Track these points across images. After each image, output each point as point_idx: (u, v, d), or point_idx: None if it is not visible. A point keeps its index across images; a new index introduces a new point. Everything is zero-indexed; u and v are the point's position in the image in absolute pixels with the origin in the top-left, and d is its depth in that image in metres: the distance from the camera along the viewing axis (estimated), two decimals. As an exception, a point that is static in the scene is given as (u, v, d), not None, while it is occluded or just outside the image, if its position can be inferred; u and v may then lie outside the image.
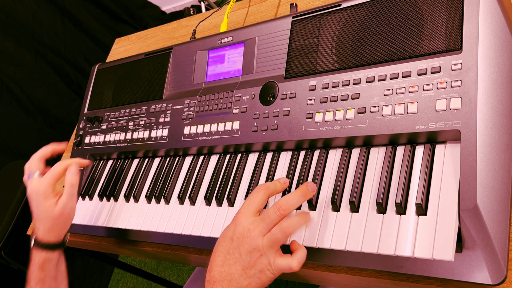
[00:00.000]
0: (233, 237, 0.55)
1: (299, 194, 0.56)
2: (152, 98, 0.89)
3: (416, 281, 0.55)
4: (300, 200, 0.56)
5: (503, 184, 0.49)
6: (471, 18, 0.54)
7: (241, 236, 0.54)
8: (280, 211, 0.54)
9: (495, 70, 0.52)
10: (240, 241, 0.54)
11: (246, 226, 0.54)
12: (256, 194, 0.57)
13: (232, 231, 0.56)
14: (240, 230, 0.55)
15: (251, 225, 0.54)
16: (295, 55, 0.70)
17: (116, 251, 1.05)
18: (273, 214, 0.54)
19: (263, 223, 0.54)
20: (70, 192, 0.75)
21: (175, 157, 0.84)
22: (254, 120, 0.72)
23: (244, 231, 0.54)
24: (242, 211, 0.56)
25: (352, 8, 0.65)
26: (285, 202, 0.55)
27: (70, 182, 0.75)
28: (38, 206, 0.74)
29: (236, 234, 0.55)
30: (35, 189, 0.74)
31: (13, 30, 1.91)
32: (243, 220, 0.55)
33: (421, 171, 0.55)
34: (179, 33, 1.18)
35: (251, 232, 0.54)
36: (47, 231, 0.74)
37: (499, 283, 0.46)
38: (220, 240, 0.57)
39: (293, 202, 0.55)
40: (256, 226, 0.54)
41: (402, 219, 0.53)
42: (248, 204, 0.56)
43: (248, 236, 0.54)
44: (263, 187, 0.58)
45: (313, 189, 0.57)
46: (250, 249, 0.53)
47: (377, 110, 0.59)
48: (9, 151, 1.83)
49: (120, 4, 2.46)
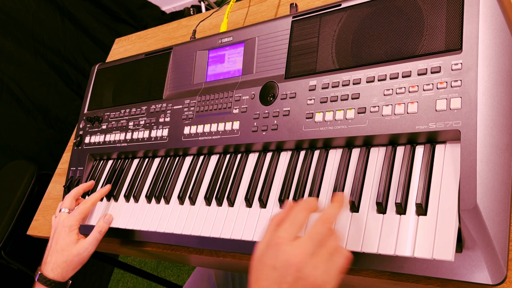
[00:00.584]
0: (276, 266, 0.47)
1: (336, 205, 0.51)
2: (152, 98, 0.89)
3: (416, 281, 0.55)
4: (338, 210, 0.51)
5: (503, 184, 0.49)
6: (471, 18, 0.54)
7: (286, 265, 0.46)
8: (327, 223, 0.49)
9: (495, 70, 0.52)
10: (286, 269, 0.46)
11: (291, 251, 0.46)
12: (299, 214, 0.50)
13: (273, 258, 0.47)
14: (285, 258, 0.47)
15: (298, 249, 0.47)
16: (295, 55, 0.70)
17: (116, 251, 1.05)
18: (321, 228, 0.48)
19: (313, 242, 0.47)
20: (96, 237, 0.78)
21: (175, 157, 0.84)
22: (254, 120, 0.72)
23: (290, 258, 0.46)
24: (283, 235, 0.48)
25: (352, 8, 0.65)
26: (328, 214, 0.50)
27: (100, 229, 0.79)
28: (59, 238, 0.77)
29: (280, 262, 0.47)
30: (62, 222, 0.78)
31: (13, 30, 1.91)
32: (286, 246, 0.47)
33: (421, 171, 0.55)
34: (179, 33, 1.18)
35: (298, 257, 0.46)
36: (56, 266, 0.76)
37: (499, 283, 0.46)
38: (257, 266, 0.49)
39: (334, 213, 0.51)
40: (304, 248, 0.47)
41: (402, 219, 0.53)
42: (289, 227, 0.49)
43: (296, 263, 0.46)
44: (305, 205, 0.51)
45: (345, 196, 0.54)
46: (301, 276, 0.46)
47: (377, 110, 0.59)
48: (9, 151, 1.83)
49: (120, 4, 2.46)
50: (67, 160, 1.10)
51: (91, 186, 0.89)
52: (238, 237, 0.65)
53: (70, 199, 0.83)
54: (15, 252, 1.58)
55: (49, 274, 0.75)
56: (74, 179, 0.95)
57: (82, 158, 0.97)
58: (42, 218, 1.09)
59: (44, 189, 1.16)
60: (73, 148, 1.00)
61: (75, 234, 0.78)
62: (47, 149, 1.96)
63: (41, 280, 0.75)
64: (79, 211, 0.80)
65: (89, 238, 0.78)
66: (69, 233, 0.77)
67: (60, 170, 1.16)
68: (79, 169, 0.96)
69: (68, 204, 0.82)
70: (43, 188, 1.18)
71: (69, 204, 0.82)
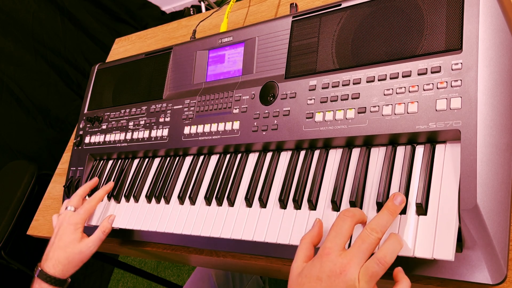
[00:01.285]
0: (322, 276, 0.46)
1: (388, 212, 0.50)
2: (152, 98, 0.89)
3: (416, 281, 0.55)
4: (391, 218, 0.50)
5: (503, 184, 0.49)
6: (471, 18, 0.54)
7: (333, 274, 0.46)
8: (376, 233, 0.47)
9: (495, 70, 0.52)
10: (333, 280, 0.45)
11: (338, 260, 0.46)
12: (342, 223, 0.49)
13: (318, 269, 0.47)
14: (331, 267, 0.46)
15: (345, 258, 0.46)
16: (295, 55, 0.70)
17: (116, 251, 1.05)
18: (368, 237, 0.47)
19: (360, 252, 0.46)
20: (100, 237, 0.79)
21: (175, 157, 0.84)
22: (254, 120, 0.72)
23: (336, 268, 0.46)
24: (329, 246, 0.48)
25: (352, 8, 0.65)
26: (377, 222, 0.49)
27: (104, 229, 0.80)
28: (63, 235, 0.78)
29: (326, 272, 0.46)
30: (68, 219, 0.79)
31: (13, 30, 1.91)
32: (333, 256, 0.47)
33: (421, 171, 0.55)
34: (179, 33, 1.18)
35: (346, 266, 0.45)
36: (58, 262, 0.76)
37: (499, 282, 0.46)
38: (302, 282, 0.48)
39: (385, 222, 0.49)
40: (351, 257, 0.46)
41: (402, 219, 0.53)
42: (334, 237, 0.48)
43: (343, 272, 0.45)
44: (349, 213, 0.50)
45: (402, 201, 0.51)
46: (346, 286, 0.45)
47: (377, 110, 0.59)
48: (9, 151, 1.83)
49: (120, 4, 2.46)
50: (67, 160, 1.10)
51: (95, 184, 0.90)
52: (238, 237, 0.65)
53: (78, 197, 0.84)
54: (15, 252, 1.58)
55: (50, 270, 0.75)
56: (74, 179, 0.95)
57: (82, 158, 0.97)
58: (42, 218, 1.09)
59: (44, 189, 1.16)
60: (73, 148, 1.00)
61: (79, 233, 0.79)
62: (47, 149, 1.96)
63: (41, 276, 0.75)
64: (85, 210, 0.81)
65: (92, 237, 0.78)
66: (74, 231, 0.78)
67: (60, 170, 1.16)
68: (79, 169, 0.96)
69: (75, 203, 0.83)
70: (43, 188, 1.18)
71: (76, 203, 0.83)
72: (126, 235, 0.83)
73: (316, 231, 0.54)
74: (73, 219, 0.79)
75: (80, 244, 0.77)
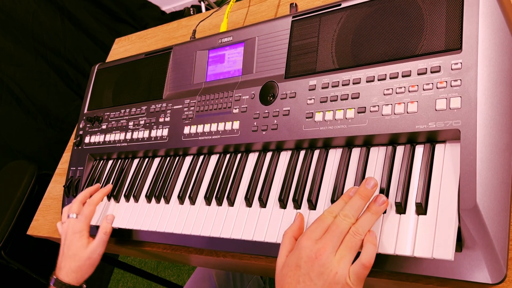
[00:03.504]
0: (300, 263, 0.49)
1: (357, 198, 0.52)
2: (152, 98, 0.89)
3: (416, 280, 0.55)
4: (362, 203, 0.51)
5: (503, 184, 0.49)
6: (471, 18, 0.54)
7: (309, 260, 0.49)
8: (349, 218, 0.50)
9: (495, 69, 0.52)
10: (310, 265, 0.48)
11: (314, 247, 0.49)
12: (325, 219, 0.52)
13: (297, 257, 0.50)
14: (308, 253, 0.49)
15: (319, 244, 0.49)
16: (295, 55, 0.70)
17: (116, 251, 1.05)
18: (341, 223, 0.50)
19: (333, 237, 0.49)
20: (103, 239, 0.80)
21: (175, 157, 0.84)
22: (254, 119, 0.72)
23: (313, 253, 0.49)
24: (308, 235, 0.51)
25: (352, 7, 0.65)
26: (348, 209, 0.51)
27: (105, 230, 0.81)
28: (70, 244, 0.79)
29: (304, 258, 0.49)
30: (72, 228, 0.80)
31: (13, 30, 1.91)
32: (309, 242, 0.50)
33: (421, 170, 0.55)
34: (179, 33, 1.18)
35: (321, 251, 0.48)
36: (71, 271, 0.78)
37: (499, 282, 0.47)
38: (284, 272, 0.51)
39: (356, 208, 0.51)
40: (325, 243, 0.49)
41: (402, 219, 0.53)
42: (315, 228, 0.51)
43: (318, 256, 0.48)
44: (332, 213, 0.52)
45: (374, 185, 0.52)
46: (322, 270, 0.48)
47: (377, 110, 0.59)
48: (9, 151, 1.83)
49: (120, 4, 2.46)
50: (67, 160, 1.10)
51: (97, 189, 0.88)
52: (238, 237, 0.65)
53: (78, 203, 0.84)
54: (15, 252, 1.58)
55: (64, 278, 0.77)
56: (74, 179, 0.95)
57: (82, 158, 0.97)
58: (42, 218, 1.09)
59: (44, 189, 1.16)
60: (73, 148, 1.00)
61: (85, 238, 0.80)
62: (47, 149, 1.96)
63: (57, 285, 0.77)
64: (85, 215, 0.81)
65: (96, 241, 0.79)
66: (80, 238, 0.79)
67: (60, 170, 1.16)
68: (79, 169, 0.96)
69: (76, 209, 0.83)
70: (43, 188, 1.18)
71: (77, 209, 0.83)
72: (126, 235, 0.83)
73: (297, 225, 0.57)
74: (77, 227, 0.80)
75: (86, 250, 0.78)
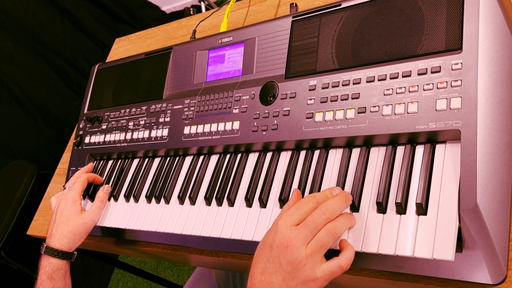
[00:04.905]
0: (273, 245, 0.51)
1: (341, 199, 0.53)
2: (152, 98, 0.89)
3: (416, 281, 0.55)
4: (343, 205, 0.53)
5: (503, 184, 0.49)
6: (471, 18, 0.54)
7: (281, 245, 0.50)
8: (326, 214, 0.51)
9: (495, 70, 0.52)
10: (280, 250, 0.50)
11: (287, 234, 0.50)
12: (305, 205, 0.53)
13: (271, 238, 0.52)
14: (281, 239, 0.51)
15: (293, 233, 0.50)
16: (295, 55, 0.70)
17: (116, 251, 1.05)
18: (318, 218, 0.51)
19: (307, 230, 0.50)
20: (99, 206, 0.82)
21: (175, 157, 0.84)
22: (254, 120, 0.72)
23: (285, 240, 0.50)
24: (285, 218, 0.52)
25: (352, 8, 0.65)
26: (330, 205, 0.52)
27: (101, 198, 0.83)
28: (63, 210, 0.79)
29: (276, 242, 0.51)
30: (65, 196, 0.81)
31: (13, 30, 1.91)
32: (284, 228, 0.51)
33: (421, 171, 0.55)
34: (179, 33, 1.18)
35: (292, 241, 0.50)
36: (63, 236, 0.77)
37: (499, 283, 0.46)
38: (260, 246, 0.54)
39: (337, 207, 0.52)
40: (298, 233, 0.50)
41: (402, 219, 0.53)
42: (293, 213, 0.52)
43: (289, 245, 0.50)
44: (314, 200, 0.53)
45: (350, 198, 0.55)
46: (291, 260, 0.49)
47: (377, 110, 0.59)
48: (9, 151, 1.83)
49: (120, 4, 2.46)
50: (67, 160, 1.10)
51: (91, 169, 0.92)
52: (238, 237, 0.65)
53: (74, 179, 0.86)
54: (15, 252, 1.58)
55: (55, 245, 0.76)
56: (74, 179, 0.96)
57: (82, 158, 0.97)
58: (42, 218, 1.09)
59: (44, 189, 1.16)
60: (73, 148, 1.00)
61: (78, 205, 0.80)
62: (47, 149, 1.96)
63: (48, 252, 0.76)
64: (77, 183, 0.83)
65: (92, 207, 0.81)
66: (73, 204, 0.80)
67: (60, 170, 1.16)
68: (79, 169, 0.96)
69: (71, 184, 0.85)
70: (43, 188, 1.18)
71: (72, 183, 0.85)
72: (126, 235, 0.83)
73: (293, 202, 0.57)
74: (70, 195, 0.81)
75: (81, 215, 0.79)
